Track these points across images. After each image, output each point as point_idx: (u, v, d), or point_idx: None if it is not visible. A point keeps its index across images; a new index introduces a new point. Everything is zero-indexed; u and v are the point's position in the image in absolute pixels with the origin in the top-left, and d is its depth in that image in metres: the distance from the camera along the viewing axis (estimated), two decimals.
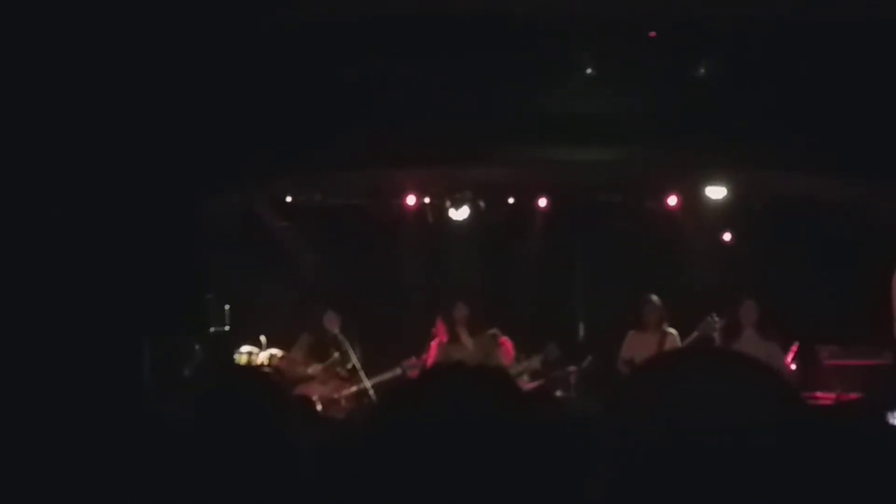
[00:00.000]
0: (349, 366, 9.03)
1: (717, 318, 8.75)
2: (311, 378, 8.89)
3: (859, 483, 1.86)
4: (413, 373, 8.83)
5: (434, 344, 9.21)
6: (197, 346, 8.89)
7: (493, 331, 9.40)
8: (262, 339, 9.31)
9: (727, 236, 11.21)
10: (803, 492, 1.17)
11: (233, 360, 9.06)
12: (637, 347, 9.04)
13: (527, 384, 8.93)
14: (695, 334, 8.77)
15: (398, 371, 8.91)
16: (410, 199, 10.85)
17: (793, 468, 1.17)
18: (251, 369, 6.80)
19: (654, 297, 9.23)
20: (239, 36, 7.63)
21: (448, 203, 10.86)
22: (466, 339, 9.18)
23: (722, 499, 1.16)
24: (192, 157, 8.48)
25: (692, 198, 10.68)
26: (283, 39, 7.79)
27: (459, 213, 10.87)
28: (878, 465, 2.15)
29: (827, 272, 10.34)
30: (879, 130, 8.38)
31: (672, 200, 10.67)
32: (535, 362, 9.17)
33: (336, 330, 9.06)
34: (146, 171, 8.26)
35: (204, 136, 8.41)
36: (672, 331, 9.14)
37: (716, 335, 8.60)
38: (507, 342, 9.28)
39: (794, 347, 9.25)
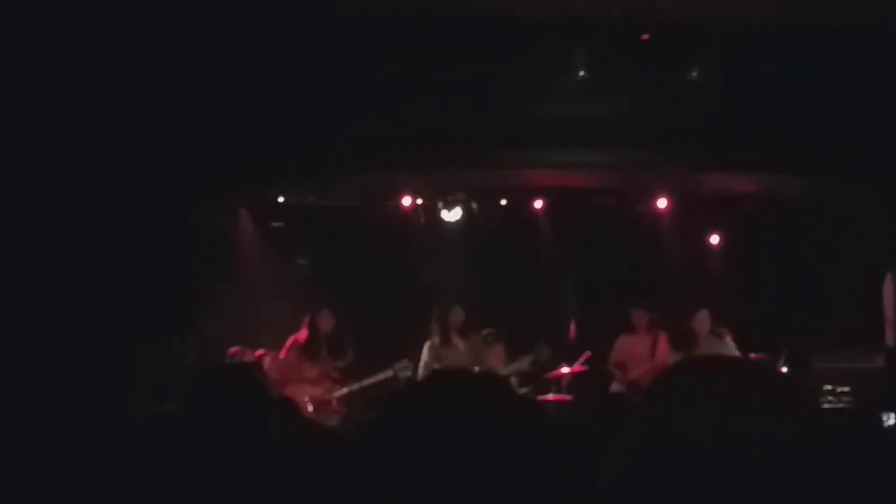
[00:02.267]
0: (341, 364, 9.00)
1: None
2: (303, 379, 8.86)
3: (859, 485, 1.87)
4: (405, 374, 8.83)
5: (426, 346, 9.21)
6: (187, 347, 8.87)
7: (486, 332, 9.39)
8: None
9: (716, 239, 11.21)
10: (810, 495, 1.18)
11: (222, 360, 9.02)
12: (627, 350, 9.16)
13: (516, 387, 8.95)
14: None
15: (390, 373, 8.89)
16: (406, 201, 10.81)
17: (802, 473, 1.18)
18: (237, 368, 6.78)
19: (642, 303, 9.33)
20: (233, 38, 7.63)
21: (441, 205, 10.82)
22: (458, 342, 9.18)
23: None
24: (185, 157, 8.47)
25: (683, 201, 10.69)
26: (277, 42, 7.79)
27: (452, 215, 10.83)
28: (876, 467, 2.16)
29: (818, 277, 10.35)
30: (872, 134, 8.40)
31: (662, 203, 10.67)
32: (526, 363, 9.18)
33: (329, 330, 9.03)
34: (139, 171, 8.25)
35: (198, 138, 8.40)
36: (663, 334, 9.18)
37: None
38: (497, 350, 9.32)
39: (786, 352, 9.28)
